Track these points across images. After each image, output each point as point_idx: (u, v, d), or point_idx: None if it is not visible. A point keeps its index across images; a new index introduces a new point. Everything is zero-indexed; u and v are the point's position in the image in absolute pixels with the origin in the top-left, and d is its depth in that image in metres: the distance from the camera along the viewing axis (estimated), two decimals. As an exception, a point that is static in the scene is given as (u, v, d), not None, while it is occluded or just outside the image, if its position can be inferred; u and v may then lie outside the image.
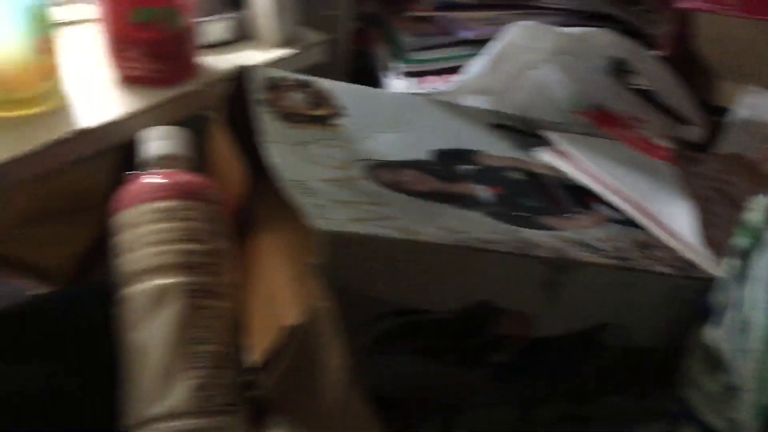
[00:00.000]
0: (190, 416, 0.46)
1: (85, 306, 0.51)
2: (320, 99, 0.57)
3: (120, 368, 0.49)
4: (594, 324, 0.47)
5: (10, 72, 0.57)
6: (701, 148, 0.71)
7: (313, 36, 0.72)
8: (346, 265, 0.41)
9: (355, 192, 0.48)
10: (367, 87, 0.64)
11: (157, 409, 0.46)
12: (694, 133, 0.70)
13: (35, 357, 0.46)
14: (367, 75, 0.84)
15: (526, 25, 0.69)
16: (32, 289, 0.55)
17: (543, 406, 0.49)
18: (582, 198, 0.56)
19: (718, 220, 0.55)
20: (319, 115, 0.56)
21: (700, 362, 0.45)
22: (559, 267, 0.45)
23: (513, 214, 0.51)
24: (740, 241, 0.48)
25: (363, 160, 0.53)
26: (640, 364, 0.49)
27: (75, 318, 0.50)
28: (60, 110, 0.59)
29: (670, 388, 0.46)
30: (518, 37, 0.69)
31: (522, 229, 0.49)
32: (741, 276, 0.46)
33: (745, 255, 0.47)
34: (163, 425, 0.46)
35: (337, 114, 0.57)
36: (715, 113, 0.73)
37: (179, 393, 0.47)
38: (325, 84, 0.59)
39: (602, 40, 0.69)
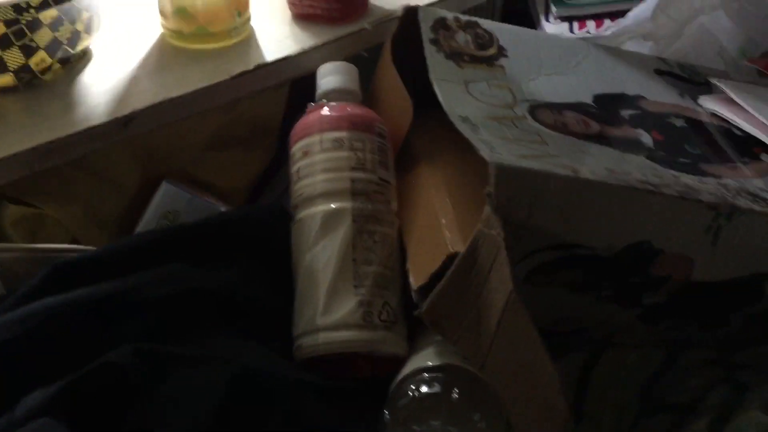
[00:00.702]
0: (353, 328, 0.51)
1: (267, 224, 0.56)
2: (486, 40, 0.59)
3: (292, 282, 0.54)
4: (754, 272, 0.47)
5: (213, 7, 0.62)
6: None
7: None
8: (516, 198, 0.43)
9: (520, 130, 0.49)
10: (529, 29, 0.65)
11: (324, 320, 0.51)
12: None
13: (224, 262, 0.52)
14: (521, 17, 0.84)
15: (698, -30, 0.67)
16: (220, 206, 0.60)
17: (689, 351, 0.50)
18: (747, 148, 0.55)
19: None
20: (485, 55, 0.58)
21: None
22: (724, 213, 0.45)
23: (675, 159, 0.51)
24: None
25: (527, 100, 0.54)
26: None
27: (259, 233, 0.55)
28: (246, 44, 0.64)
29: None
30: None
31: (685, 174, 0.49)
32: None
33: None
34: (328, 335, 0.51)
35: (501, 55, 0.58)
36: None
37: (345, 307, 0.51)
38: (490, 25, 0.61)
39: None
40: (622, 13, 0.73)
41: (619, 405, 0.49)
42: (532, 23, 0.83)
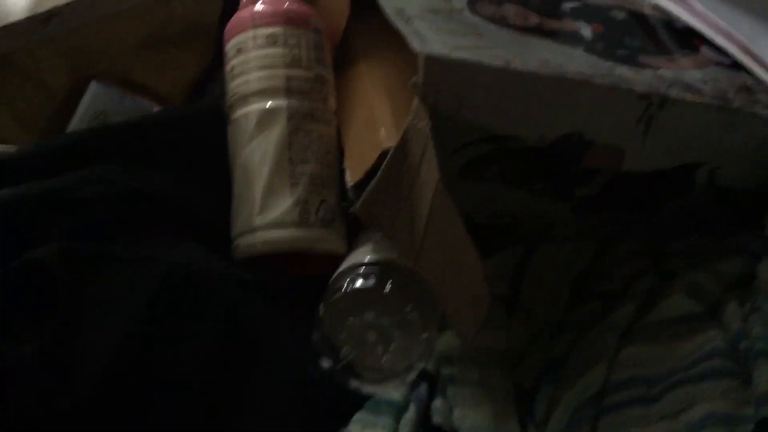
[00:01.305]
0: (290, 227, 0.51)
1: (203, 124, 0.54)
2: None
3: (229, 182, 0.53)
4: (687, 162, 0.47)
5: None
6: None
7: None
8: (446, 89, 0.42)
9: (456, 22, 0.48)
10: None
11: (261, 219, 0.51)
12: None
13: (158, 164, 0.51)
14: None
15: None
16: (154, 107, 0.59)
17: (622, 243, 0.51)
18: (688, 40, 0.55)
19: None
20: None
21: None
22: (656, 103, 0.45)
23: (613, 51, 0.51)
24: None
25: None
26: (727, 205, 0.50)
27: (195, 133, 0.54)
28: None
29: (756, 229, 0.46)
30: None
31: (621, 65, 0.49)
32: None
33: None
34: (266, 234, 0.51)
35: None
36: None
37: (281, 206, 0.51)
38: None
39: None
40: None
41: (552, 296, 0.50)
42: None
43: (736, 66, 0.53)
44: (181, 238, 0.49)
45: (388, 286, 0.46)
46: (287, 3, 0.56)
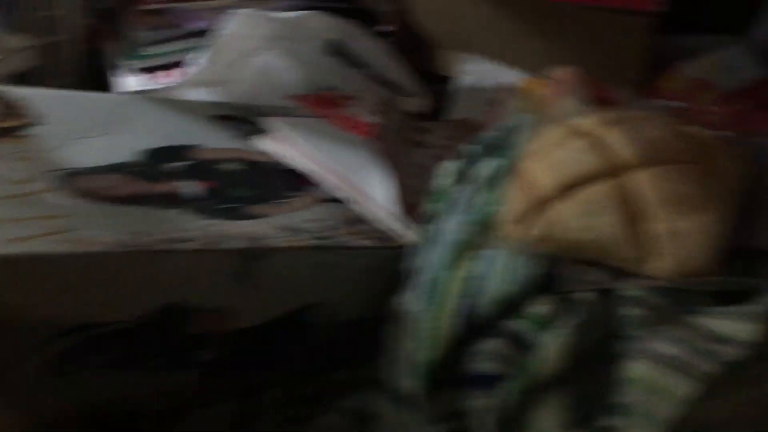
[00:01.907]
0: None
1: None
2: (9, 109, 0.54)
3: None
4: (297, 307, 0.48)
5: None
6: (433, 116, 0.75)
7: (14, 41, 0.68)
8: (8, 288, 0.38)
9: (33, 207, 0.45)
10: (75, 91, 0.61)
11: None
12: (416, 103, 0.73)
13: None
14: (102, 74, 0.81)
15: (243, 13, 0.68)
16: None
17: (263, 394, 0.50)
18: (296, 181, 0.57)
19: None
20: (6, 127, 0.52)
21: (396, 328, 0.47)
22: (249, 256, 0.45)
23: (219, 207, 0.51)
24: (431, 206, 0.51)
25: (56, 170, 0.50)
26: (352, 338, 0.51)
27: None
28: None
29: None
30: (236, 25, 0.68)
31: (223, 221, 0.49)
32: (432, 240, 0.49)
33: (435, 219, 0.50)
34: None
35: (30, 124, 0.54)
36: (443, 82, 0.76)
37: None
38: (18, 93, 0.56)
39: (316, 23, 0.70)
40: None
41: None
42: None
43: (341, 199, 0.55)
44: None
45: None
46: None
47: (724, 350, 0.39)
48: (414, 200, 0.53)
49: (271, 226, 0.50)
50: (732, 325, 0.39)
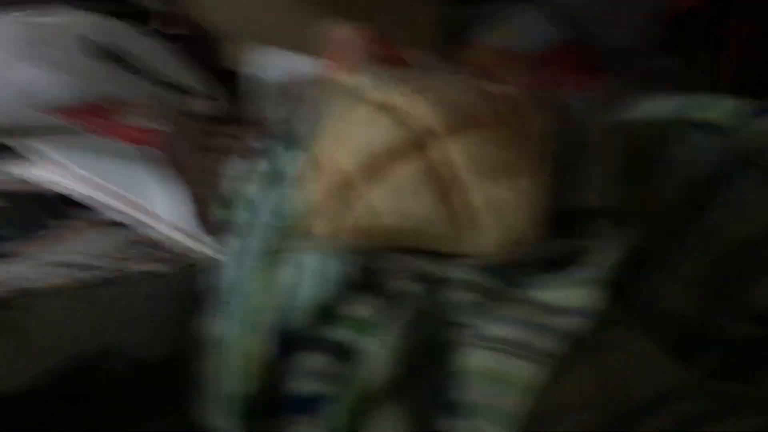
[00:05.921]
0: None
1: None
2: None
3: None
4: (77, 357, 0.39)
5: None
6: (230, 117, 0.67)
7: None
8: None
9: None
10: None
11: None
12: (209, 105, 0.65)
13: None
14: None
15: None
16: None
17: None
18: (65, 207, 0.48)
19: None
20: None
21: (203, 361, 0.40)
22: (4, 305, 0.36)
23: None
24: (230, 214, 0.44)
25: None
26: (157, 381, 0.43)
27: None
28: None
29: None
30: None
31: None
32: (235, 252, 0.42)
33: (236, 228, 0.43)
34: None
35: None
36: (238, 80, 0.70)
37: None
38: None
39: (80, 25, 0.61)
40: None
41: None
42: None
43: (120, 222, 0.47)
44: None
45: None
46: None
47: (561, 322, 0.35)
48: (210, 211, 0.46)
49: (35, 265, 0.41)
50: (565, 294, 0.36)
